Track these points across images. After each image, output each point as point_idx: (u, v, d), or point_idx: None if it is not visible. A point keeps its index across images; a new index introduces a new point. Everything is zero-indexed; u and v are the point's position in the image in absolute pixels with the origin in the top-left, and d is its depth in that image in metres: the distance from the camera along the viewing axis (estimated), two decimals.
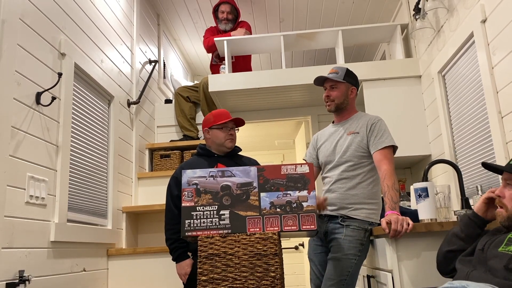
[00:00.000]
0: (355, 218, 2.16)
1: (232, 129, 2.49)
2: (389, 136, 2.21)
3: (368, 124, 2.24)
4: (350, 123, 2.32)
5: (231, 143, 2.48)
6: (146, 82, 3.74)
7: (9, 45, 1.96)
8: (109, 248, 2.91)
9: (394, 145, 2.20)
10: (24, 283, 1.91)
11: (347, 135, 2.28)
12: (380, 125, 2.23)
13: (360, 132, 2.25)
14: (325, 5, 4.20)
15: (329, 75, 2.30)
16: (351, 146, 2.23)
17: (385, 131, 2.22)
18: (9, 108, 1.94)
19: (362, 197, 2.19)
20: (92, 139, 2.78)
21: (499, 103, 2.26)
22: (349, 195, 2.19)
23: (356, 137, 2.24)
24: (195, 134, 3.89)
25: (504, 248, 1.36)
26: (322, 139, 2.40)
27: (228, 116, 2.48)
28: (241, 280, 1.82)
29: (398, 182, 2.13)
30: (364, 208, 2.18)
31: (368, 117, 2.29)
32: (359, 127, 2.26)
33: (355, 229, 2.13)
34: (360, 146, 2.22)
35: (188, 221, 1.91)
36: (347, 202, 2.18)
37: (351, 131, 2.28)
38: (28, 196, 2.04)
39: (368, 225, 2.16)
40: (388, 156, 2.16)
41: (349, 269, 2.09)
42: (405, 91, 3.41)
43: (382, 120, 2.28)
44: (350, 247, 2.11)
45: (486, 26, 2.36)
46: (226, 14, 3.96)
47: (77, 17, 2.65)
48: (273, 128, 5.69)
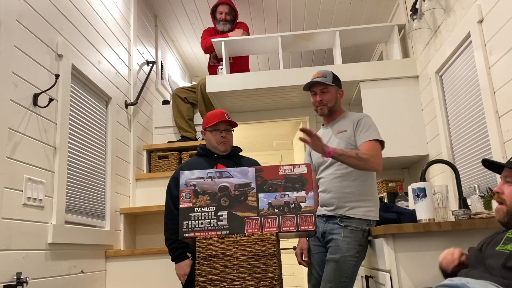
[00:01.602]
0: (353, 217, 2.16)
1: (224, 131, 2.41)
2: (375, 130, 2.24)
3: (354, 121, 2.28)
4: (339, 124, 2.35)
5: (224, 146, 2.41)
6: (143, 83, 3.73)
7: (6, 46, 1.95)
8: (107, 250, 2.90)
9: (380, 139, 2.21)
10: (21, 285, 1.91)
11: (335, 134, 2.31)
12: (366, 121, 2.26)
13: (347, 130, 2.27)
14: (323, 5, 4.20)
15: (320, 79, 2.31)
16: (340, 144, 2.25)
17: (371, 125, 2.25)
18: (6, 110, 1.93)
19: (358, 194, 2.20)
20: (89, 140, 2.77)
21: (496, 103, 2.26)
22: (345, 193, 2.20)
23: (344, 135, 2.27)
24: (193, 135, 3.88)
25: (502, 247, 1.36)
26: None
27: (219, 117, 2.39)
28: (239, 281, 1.82)
29: (370, 164, 2.13)
30: (361, 206, 2.18)
31: (355, 115, 2.33)
32: (346, 125, 2.30)
33: (353, 230, 2.14)
34: (349, 143, 2.24)
35: (186, 222, 1.91)
36: (344, 200, 2.19)
37: (339, 130, 2.31)
38: (25, 198, 2.03)
39: (366, 225, 2.17)
40: (375, 147, 2.18)
41: (348, 271, 2.10)
42: (402, 91, 3.41)
43: (368, 116, 2.31)
44: (349, 248, 2.11)
45: (483, 26, 2.36)
46: (224, 15, 3.96)
47: (74, 18, 2.64)
48: (271, 128, 5.70)
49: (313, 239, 2.31)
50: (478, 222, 1.91)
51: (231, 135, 2.46)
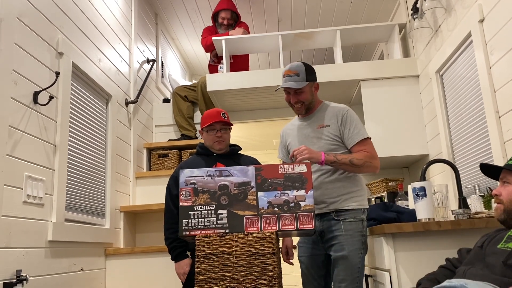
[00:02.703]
0: (348, 209, 2.09)
1: (220, 130, 2.41)
2: (362, 126, 2.17)
3: (338, 115, 2.18)
4: (317, 116, 2.24)
5: (219, 145, 2.41)
6: (144, 82, 3.73)
7: (7, 44, 1.95)
8: (107, 248, 2.90)
9: (369, 137, 2.16)
10: (21, 282, 1.91)
11: (316, 129, 2.20)
12: (352, 116, 2.17)
13: (331, 125, 2.17)
14: (323, 4, 4.20)
15: (290, 83, 2.17)
16: (323, 139, 2.16)
17: (357, 122, 2.16)
18: (7, 107, 1.93)
19: (349, 187, 2.13)
20: (90, 138, 2.77)
21: (497, 103, 2.26)
22: (335, 188, 2.12)
23: (327, 130, 2.17)
24: (193, 133, 3.88)
25: (504, 245, 1.36)
26: (290, 135, 2.32)
27: (214, 117, 2.39)
28: (239, 280, 1.82)
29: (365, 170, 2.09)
30: (353, 196, 2.12)
31: (336, 108, 2.22)
32: (328, 119, 2.19)
33: (352, 222, 2.07)
34: (333, 138, 2.15)
35: (186, 220, 1.91)
36: (334, 195, 2.11)
37: (320, 124, 2.20)
38: (25, 196, 2.03)
39: (362, 213, 2.11)
40: (370, 148, 2.13)
41: (358, 265, 2.03)
42: (403, 90, 3.41)
43: (350, 109, 2.20)
44: (354, 242, 2.04)
45: (484, 25, 2.36)
46: (227, 20, 3.96)
47: (75, 16, 2.64)
48: (271, 127, 5.69)
49: (306, 239, 2.22)
50: (477, 221, 1.92)
51: (227, 134, 2.45)
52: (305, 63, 2.24)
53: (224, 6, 3.96)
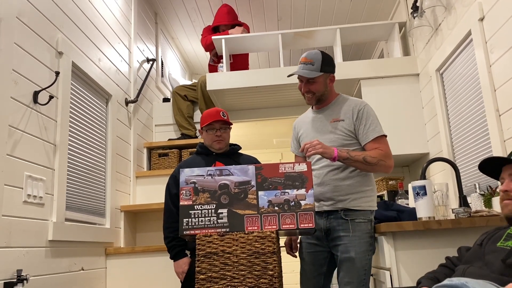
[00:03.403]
0: (357, 209, 2.03)
1: (219, 129, 2.41)
2: (378, 123, 2.09)
3: (354, 109, 2.10)
4: (332, 109, 2.16)
5: (218, 145, 2.41)
6: (144, 81, 3.73)
7: (6, 43, 1.95)
8: (107, 247, 2.90)
9: (385, 134, 2.09)
10: (22, 282, 1.91)
11: (330, 122, 2.13)
12: (368, 112, 2.09)
13: (345, 119, 2.10)
14: (323, 3, 4.20)
15: (303, 71, 2.10)
16: (336, 134, 2.09)
17: (374, 118, 2.08)
18: (6, 107, 1.93)
19: (358, 186, 2.06)
20: (90, 138, 2.77)
21: (497, 101, 2.26)
22: (344, 185, 2.05)
23: (341, 125, 2.09)
24: (193, 132, 3.89)
25: (503, 243, 1.36)
26: (303, 127, 2.26)
27: (213, 116, 2.39)
28: (239, 279, 1.82)
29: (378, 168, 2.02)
30: (363, 196, 2.05)
31: (353, 102, 2.13)
32: (343, 113, 2.11)
33: (361, 223, 2.01)
34: (346, 133, 2.08)
35: (186, 219, 1.91)
36: (343, 193, 2.05)
37: (334, 118, 2.12)
38: (25, 195, 2.03)
39: (370, 214, 2.06)
40: (385, 146, 2.05)
41: (365, 267, 1.98)
42: (403, 89, 3.41)
43: (368, 105, 2.12)
44: (361, 244, 1.99)
45: (484, 24, 2.36)
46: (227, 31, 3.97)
47: (75, 15, 2.64)
48: (272, 126, 5.69)
49: (308, 237, 2.18)
50: (478, 220, 1.91)
51: (227, 133, 2.45)
52: (323, 52, 2.16)
53: (225, 22, 3.94)
